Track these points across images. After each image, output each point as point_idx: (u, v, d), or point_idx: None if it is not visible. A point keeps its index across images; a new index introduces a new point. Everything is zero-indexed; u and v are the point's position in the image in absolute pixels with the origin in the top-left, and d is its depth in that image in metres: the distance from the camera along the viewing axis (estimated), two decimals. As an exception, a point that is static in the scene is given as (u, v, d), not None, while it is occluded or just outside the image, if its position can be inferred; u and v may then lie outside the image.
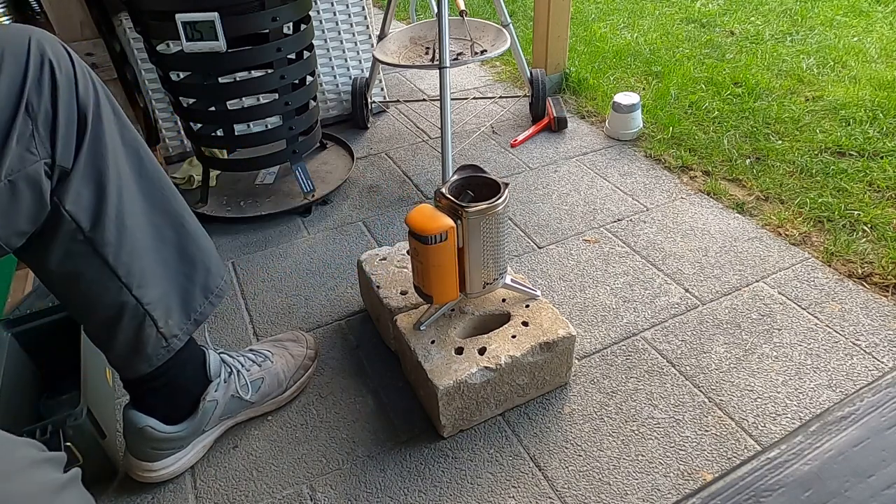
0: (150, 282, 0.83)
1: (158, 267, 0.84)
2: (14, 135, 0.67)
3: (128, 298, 0.81)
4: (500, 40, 1.69)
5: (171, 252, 0.86)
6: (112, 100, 0.80)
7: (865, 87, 2.01)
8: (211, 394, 0.97)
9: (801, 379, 1.08)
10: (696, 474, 0.94)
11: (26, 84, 0.68)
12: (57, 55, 0.72)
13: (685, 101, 2.02)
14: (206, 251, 0.91)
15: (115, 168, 0.77)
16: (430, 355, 0.99)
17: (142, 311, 0.83)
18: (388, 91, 2.22)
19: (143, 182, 0.82)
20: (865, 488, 0.30)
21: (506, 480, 0.95)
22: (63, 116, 0.71)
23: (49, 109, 0.70)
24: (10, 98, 0.67)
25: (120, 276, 0.80)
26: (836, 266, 1.32)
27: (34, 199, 0.70)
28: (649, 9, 2.97)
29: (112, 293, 0.81)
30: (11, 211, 0.69)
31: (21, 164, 0.68)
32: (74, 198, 0.74)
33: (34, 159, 0.69)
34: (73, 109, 0.73)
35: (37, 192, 0.70)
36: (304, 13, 1.45)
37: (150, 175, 0.83)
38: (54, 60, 0.71)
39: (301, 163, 1.61)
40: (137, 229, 0.81)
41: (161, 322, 0.85)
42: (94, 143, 0.75)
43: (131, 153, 0.81)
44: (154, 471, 0.95)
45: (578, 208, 1.57)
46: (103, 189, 0.76)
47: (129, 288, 0.81)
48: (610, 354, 1.15)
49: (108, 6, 1.64)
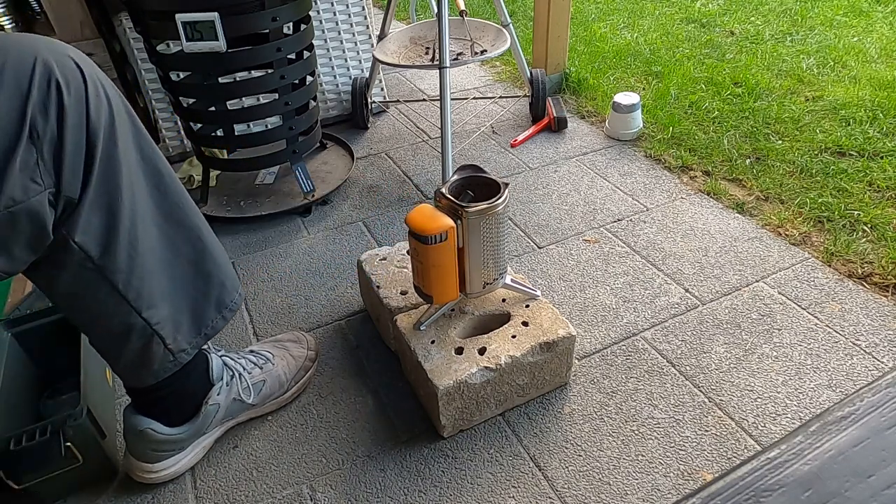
0: (161, 302, 0.81)
1: (171, 284, 0.82)
2: (16, 162, 0.62)
3: (136, 320, 0.80)
4: (500, 40, 1.69)
5: (186, 267, 0.84)
6: (130, 112, 0.75)
7: (865, 87, 2.01)
8: (213, 397, 0.97)
9: (801, 379, 1.08)
10: (696, 474, 0.94)
11: (29, 106, 0.62)
12: (66, 74, 0.66)
13: (685, 101, 2.02)
14: (221, 266, 0.89)
15: (130, 188, 0.74)
16: (430, 355, 0.99)
17: (150, 331, 0.81)
18: (388, 91, 2.22)
19: (159, 197, 0.79)
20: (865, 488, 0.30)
21: (506, 480, 0.95)
22: (70, 143, 0.66)
23: (55, 135, 0.65)
24: (11, 118, 0.62)
25: (129, 301, 0.78)
26: (836, 266, 1.32)
27: (35, 230, 0.66)
28: (649, 9, 2.97)
29: (121, 316, 0.79)
30: (11, 241, 0.65)
31: (24, 194, 0.63)
32: (84, 227, 0.70)
33: (38, 189, 0.64)
34: (83, 135, 0.67)
35: (39, 224, 0.66)
36: (304, 13, 1.45)
37: (168, 189, 0.80)
38: (62, 81, 0.65)
39: (301, 163, 1.61)
40: (150, 252, 0.78)
41: (169, 339, 0.84)
42: (106, 166, 0.70)
43: (149, 168, 0.77)
44: (154, 472, 0.95)
45: (578, 208, 1.57)
46: (115, 215, 0.72)
47: (139, 311, 0.79)
48: (610, 354, 1.15)
49: (108, 6, 1.64)
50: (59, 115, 0.65)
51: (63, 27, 1.62)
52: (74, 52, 0.70)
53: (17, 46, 0.65)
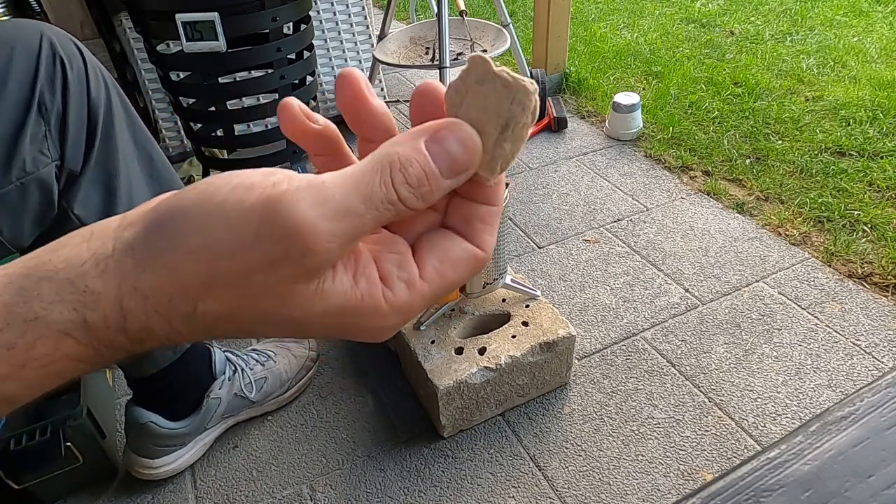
0: None
1: None
2: (27, 135, 0.65)
3: None
4: (500, 40, 1.69)
5: None
6: (125, 99, 0.78)
7: (865, 87, 2.01)
8: (215, 391, 0.97)
9: (801, 379, 1.08)
10: (696, 474, 0.94)
11: (38, 82, 0.66)
12: (68, 53, 0.70)
13: (685, 101, 2.02)
14: None
15: (126, 170, 0.76)
16: (430, 355, 0.99)
17: None
18: (388, 91, 2.22)
19: (154, 184, 0.80)
20: (865, 488, 0.30)
21: (506, 480, 0.95)
22: (74, 117, 0.69)
23: (61, 109, 0.68)
24: (22, 95, 0.65)
25: None
26: (836, 266, 1.32)
27: (43, 201, 0.68)
28: (649, 9, 2.97)
29: None
30: (20, 212, 0.67)
31: (34, 166, 0.66)
32: (83, 201, 0.72)
33: (46, 161, 0.67)
34: (84, 110, 0.71)
35: (46, 195, 0.68)
36: (304, 13, 1.45)
37: (162, 177, 0.82)
38: (66, 58, 0.69)
39: (301, 163, 1.61)
40: None
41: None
42: (104, 145, 0.73)
43: (143, 155, 0.79)
44: (155, 468, 0.95)
45: (578, 208, 1.57)
46: (113, 192, 0.75)
47: None
48: (610, 354, 1.15)
49: (108, 6, 1.64)
50: (64, 89, 0.68)
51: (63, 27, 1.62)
52: (75, 39, 0.73)
53: (25, 29, 0.69)
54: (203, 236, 0.19)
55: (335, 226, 0.19)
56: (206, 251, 0.19)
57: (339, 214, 0.19)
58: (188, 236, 0.19)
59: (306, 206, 0.19)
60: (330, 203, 0.19)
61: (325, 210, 0.19)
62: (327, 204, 0.19)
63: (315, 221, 0.19)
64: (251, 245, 0.19)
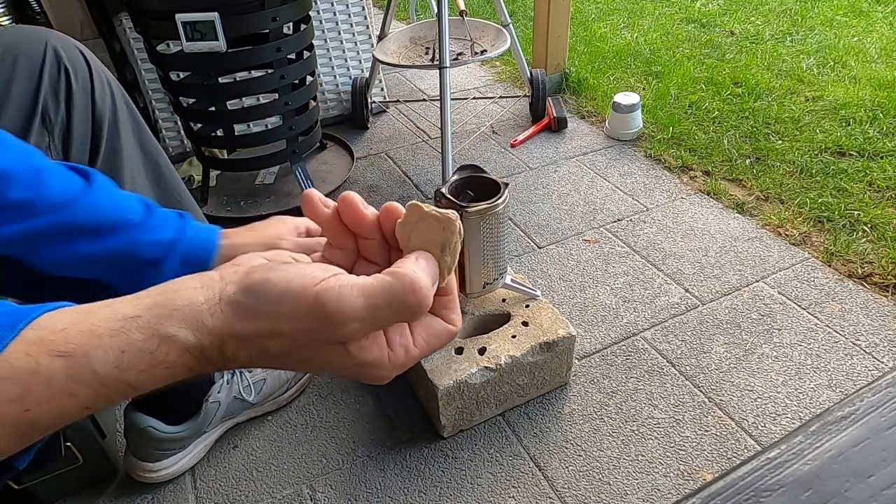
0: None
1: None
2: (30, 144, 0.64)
3: None
4: (500, 40, 1.69)
5: None
6: (131, 105, 0.77)
7: (865, 87, 2.01)
8: (214, 395, 0.97)
9: (801, 379, 1.08)
10: (696, 474, 0.94)
11: (41, 92, 0.65)
12: (73, 61, 0.69)
13: (685, 101, 2.02)
14: None
15: (132, 180, 0.75)
16: (429, 355, 0.99)
17: None
18: (388, 91, 2.22)
19: (159, 194, 0.80)
20: (865, 488, 0.30)
21: (506, 480, 0.95)
22: (78, 127, 0.68)
23: (65, 120, 0.67)
24: (25, 105, 0.64)
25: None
26: (836, 266, 1.32)
27: None
28: (649, 9, 2.97)
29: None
30: None
31: None
32: None
33: None
34: (89, 120, 0.70)
35: None
36: (304, 13, 1.45)
37: (168, 186, 0.81)
38: (70, 67, 0.68)
39: (301, 163, 1.61)
40: None
41: None
42: (109, 154, 0.72)
43: (149, 161, 0.79)
44: (154, 471, 0.95)
45: (578, 208, 1.57)
46: None
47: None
48: (610, 354, 1.15)
49: (108, 6, 1.64)
50: (68, 98, 0.67)
51: (63, 27, 1.62)
52: (81, 46, 0.72)
53: (29, 36, 0.68)
54: (278, 306, 0.30)
55: (357, 317, 0.30)
56: (278, 317, 0.30)
57: (360, 312, 0.30)
58: (270, 304, 0.30)
59: (342, 304, 0.29)
60: (356, 301, 0.30)
61: (353, 308, 0.30)
62: (354, 301, 0.30)
63: (343, 313, 0.29)
64: (303, 318, 0.30)
